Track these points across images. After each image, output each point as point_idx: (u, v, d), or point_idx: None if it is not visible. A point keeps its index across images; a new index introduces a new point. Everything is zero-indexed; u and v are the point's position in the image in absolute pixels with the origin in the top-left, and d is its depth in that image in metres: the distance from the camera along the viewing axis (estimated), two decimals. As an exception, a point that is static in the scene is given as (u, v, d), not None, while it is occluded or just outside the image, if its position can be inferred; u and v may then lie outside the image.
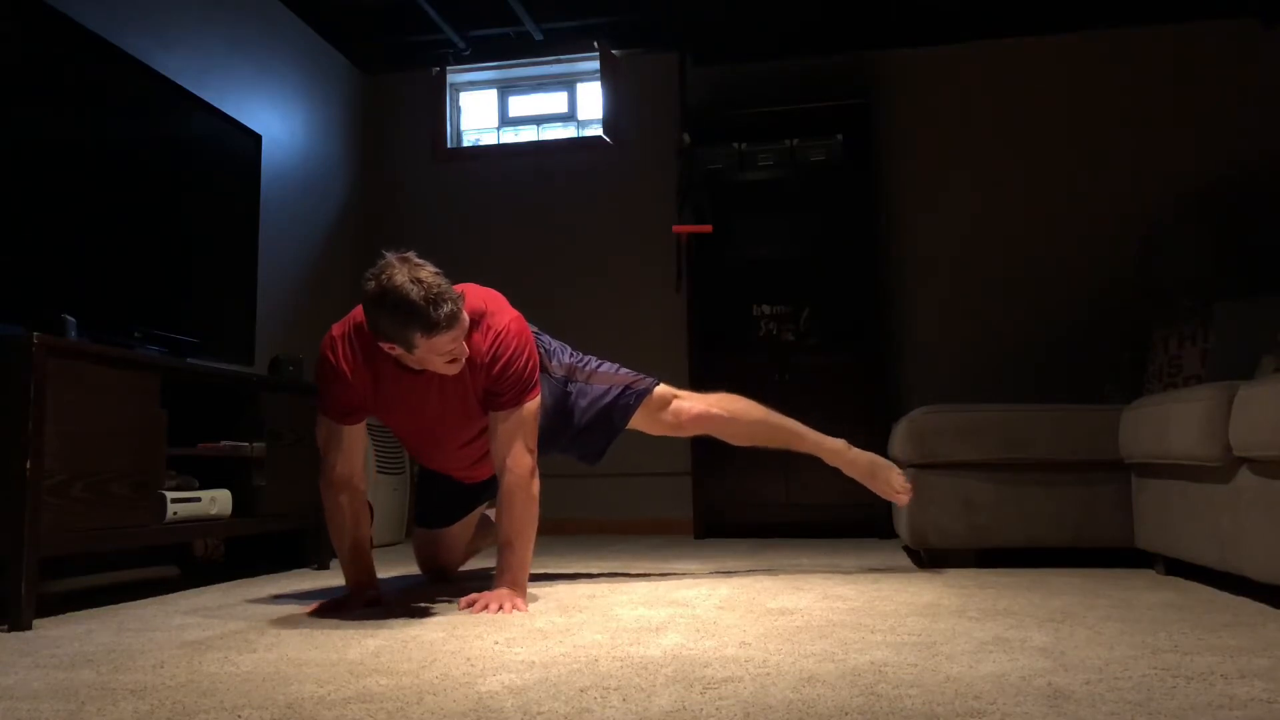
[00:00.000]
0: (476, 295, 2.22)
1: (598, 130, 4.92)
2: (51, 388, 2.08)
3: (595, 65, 4.91)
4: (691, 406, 2.64)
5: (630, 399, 2.58)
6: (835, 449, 2.74)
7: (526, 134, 5.13)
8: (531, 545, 2.23)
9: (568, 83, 5.07)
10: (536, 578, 2.77)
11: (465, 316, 2.04)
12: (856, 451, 2.75)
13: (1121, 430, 2.84)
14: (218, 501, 2.65)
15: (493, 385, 2.20)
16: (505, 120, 5.15)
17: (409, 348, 2.01)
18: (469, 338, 2.15)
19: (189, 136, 3.05)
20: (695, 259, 4.43)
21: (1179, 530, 2.50)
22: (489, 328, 2.19)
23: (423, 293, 1.95)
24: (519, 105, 5.15)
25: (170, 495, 2.47)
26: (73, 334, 2.34)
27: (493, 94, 5.16)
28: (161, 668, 1.58)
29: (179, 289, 2.96)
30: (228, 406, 2.88)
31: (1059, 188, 4.48)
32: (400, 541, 4.20)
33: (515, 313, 2.27)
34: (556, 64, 4.98)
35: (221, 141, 3.22)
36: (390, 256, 2.03)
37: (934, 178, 4.59)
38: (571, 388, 2.57)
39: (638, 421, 2.61)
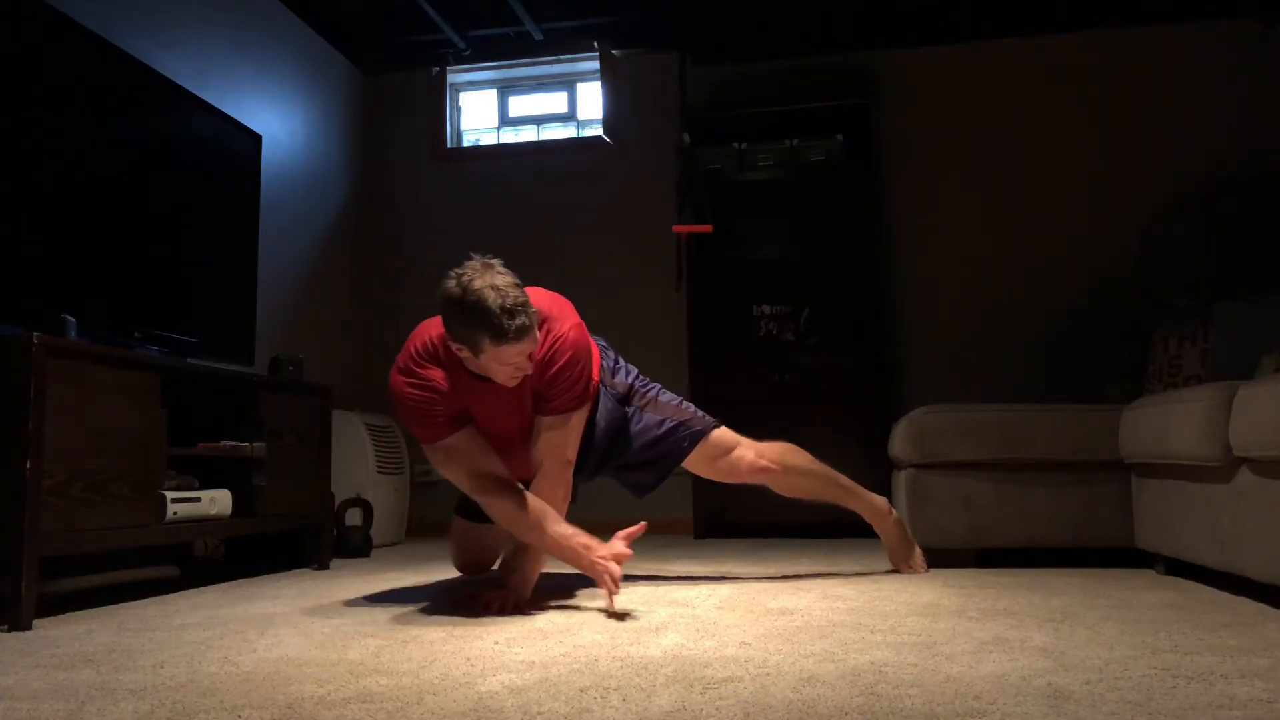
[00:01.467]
0: (541, 299, 2.19)
1: (598, 130, 4.92)
2: (51, 388, 2.08)
3: (595, 65, 4.91)
4: (754, 461, 2.59)
5: (685, 441, 2.53)
6: (880, 510, 2.74)
7: (526, 134, 5.13)
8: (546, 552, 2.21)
9: (568, 83, 5.07)
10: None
11: (536, 334, 2.04)
12: (897, 517, 2.77)
13: (1121, 430, 2.84)
14: (218, 501, 2.65)
15: (544, 389, 2.20)
16: (505, 120, 5.15)
17: (476, 352, 2.02)
18: None
19: (189, 136, 3.05)
20: (695, 259, 4.43)
21: (1179, 530, 2.50)
22: (548, 332, 2.18)
23: (500, 301, 1.96)
24: (519, 105, 5.15)
25: (170, 495, 2.47)
26: (73, 334, 2.34)
27: (493, 94, 5.16)
28: (161, 668, 1.58)
29: (179, 289, 2.96)
30: (228, 406, 2.88)
31: (1058, 187, 4.48)
32: (400, 541, 4.20)
33: (577, 320, 2.24)
34: (556, 64, 4.98)
35: (221, 141, 3.22)
36: (476, 260, 2.03)
37: (934, 178, 4.59)
38: (629, 409, 2.53)
39: (691, 463, 2.57)
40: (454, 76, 5.07)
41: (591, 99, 5.03)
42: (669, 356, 4.58)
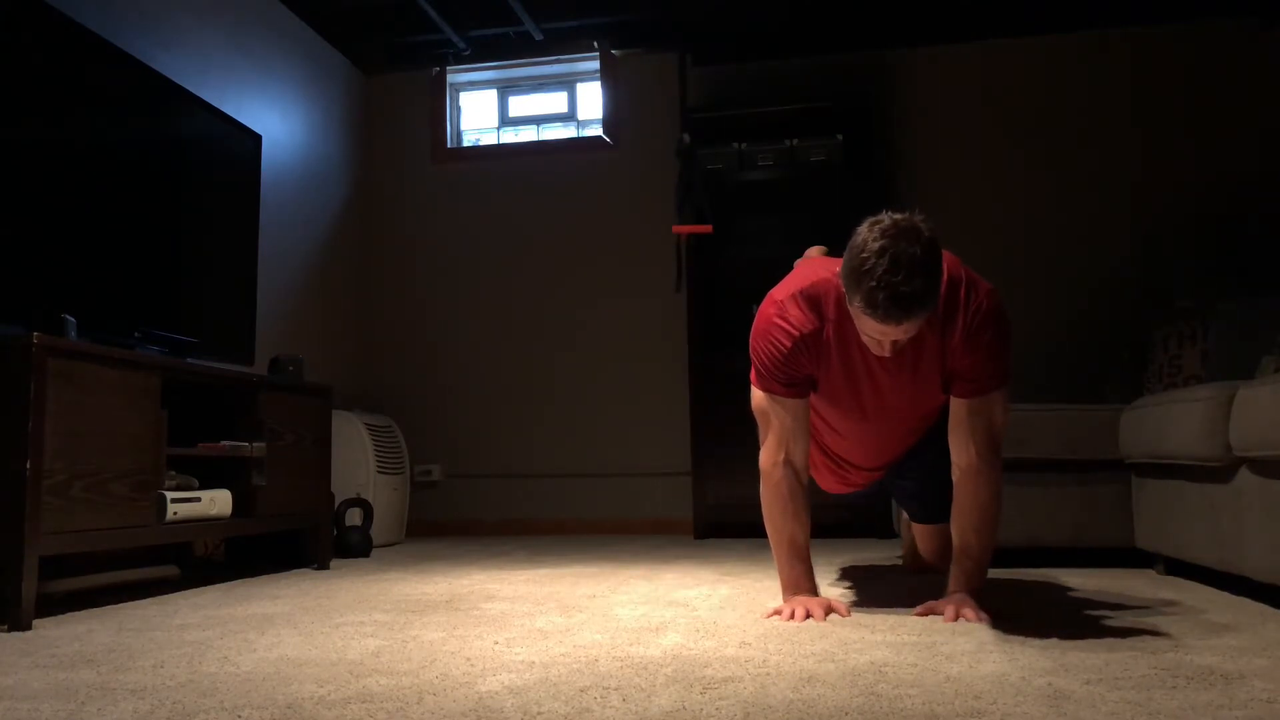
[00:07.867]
0: (954, 268, 2.02)
1: (598, 130, 4.91)
2: (51, 388, 2.08)
3: (595, 65, 4.90)
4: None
5: None
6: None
7: (526, 134, 5.12)
8: (991, 546, 2.09)
9: (568, 83, 5.07)
10: (536, 578, 2.78)
11: (913, 326, 1.84)
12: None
13: (1121, 430, 2.84)
14: (218, 501, 2.65)
15: (966, 366, 2.01)
16: (505, 120, 5.14)
17: (849, 299, 1.85)
18: (947, 304, 1.97)
19: (189, 136, 3.05)
20: (695, 259, 4.43)
21: (1179, 530, 2.50)
22: (969, 297, 2.01)
23: (890, 275, 1.74)
24: (519, 105, 5.15)
25: (170, 495, 2.47)
26: (73, 334, 2.34)
27: (493, 94, 5.16)
28: (161, 668, 1.58)
29: (179, 289, 2.96)
30: (228, 406, 2.88)
31: (1059, 187, 4.47)
32: (400, 541, 4.20)
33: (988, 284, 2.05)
34: (556, 64, 4.98)
35: (221, 141, 3.21)
36: (911, 218, 1.84)
37: (934, 178, 4.59)
38: None
39: None
40: (454, 76, 5.07)
41: (591, 99, 5.03)
42: (669, 356, 4.58)
